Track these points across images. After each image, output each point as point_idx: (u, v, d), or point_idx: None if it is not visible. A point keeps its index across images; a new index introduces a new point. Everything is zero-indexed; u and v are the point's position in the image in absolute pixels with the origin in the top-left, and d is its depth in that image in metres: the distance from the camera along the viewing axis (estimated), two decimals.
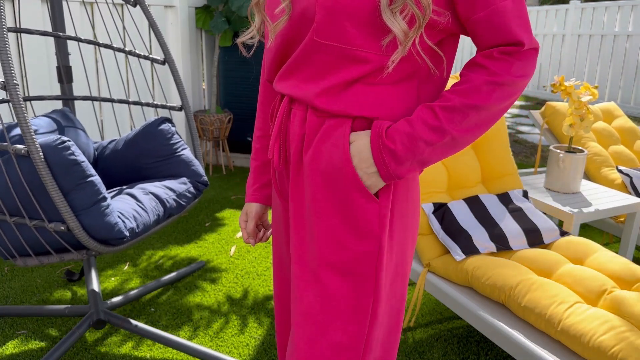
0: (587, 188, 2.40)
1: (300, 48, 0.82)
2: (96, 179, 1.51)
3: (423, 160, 0.79)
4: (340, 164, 0.80)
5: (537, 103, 7.91)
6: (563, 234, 1.92)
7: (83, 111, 3.14)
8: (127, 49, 2.24)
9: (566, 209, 2.11)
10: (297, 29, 0.82)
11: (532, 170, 2.82)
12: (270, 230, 1.12)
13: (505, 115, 6.85)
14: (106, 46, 2.11)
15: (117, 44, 3.27)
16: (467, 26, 0.80)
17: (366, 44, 0.77)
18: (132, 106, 3.48)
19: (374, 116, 0.80)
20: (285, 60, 0.88)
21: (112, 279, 2.31)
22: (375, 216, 0.81)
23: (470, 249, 1.76)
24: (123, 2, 2.02)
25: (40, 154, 1.38)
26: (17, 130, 1.71)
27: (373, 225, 0.81)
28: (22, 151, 1.38)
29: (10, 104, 2.03)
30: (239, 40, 0.95)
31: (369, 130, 0.80)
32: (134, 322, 1.80)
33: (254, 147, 1.08)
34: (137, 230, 1.61)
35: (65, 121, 2.00)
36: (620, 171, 2.63)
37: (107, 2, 2.03)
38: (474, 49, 9.74)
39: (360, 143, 0.79)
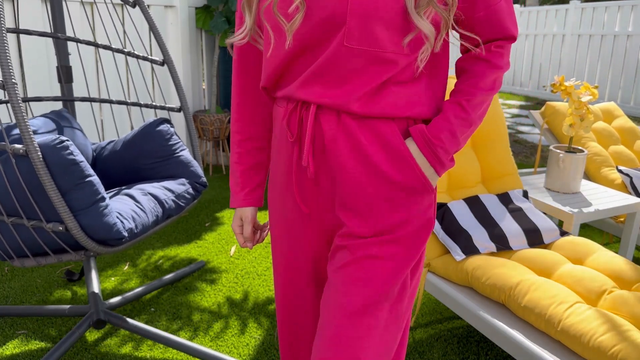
0: (587, 188, 2.40)
1: (327, 54, 0.81)
2: (95, 179, 1.51)
3: (458, 149, 0.89)
4: (411, 175, 0.86)
5: (537, 103, 7.91)
6: (563, 234, 1.92)
7: (83, 112, 3.14)
8: (126, 50, 2.24)
9: (566, 209, 2.10)
10: (320, 34, 0.81)
11: (532, 170, 2.81)
12: (267, 231, 1.11)
13: (505, 115, 6.85)
14: (105, 47, 2.11)
15: (117, 45, 3.27)
16: (465, 23, 0.86)
17: (393, 45, 0.81)
18: (131, 107, 3.48)
19: (409, 115, 0.86)
20: (295, 65, 0.86)
21: (112, 279, 2.31)
22: (432, 203, 0.91)
23: (470, 249, 1.76)
24: (122, 3, 2.02)
25: (39, 153, 1.38)
26: (15, 131, 1.71)
27: (430, 212, 0.91)
28: (21, 151, 1.37)
29: (8, 104, 2.03)
30: (227, 41, 0.92)
31: (410, 139, 0.87)
32: (134, 322, 1.79)
33: (237, 151, 1.06)
34: (135, 231, 1.60)
35: (63, 122, 2.00)
36: (620, 171, 2.62)
37: (105, 3, 2.03)
38: None
39: (412, 152, 0.87)
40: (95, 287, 1.93)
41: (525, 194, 2.05)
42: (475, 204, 1.92)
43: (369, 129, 0.85)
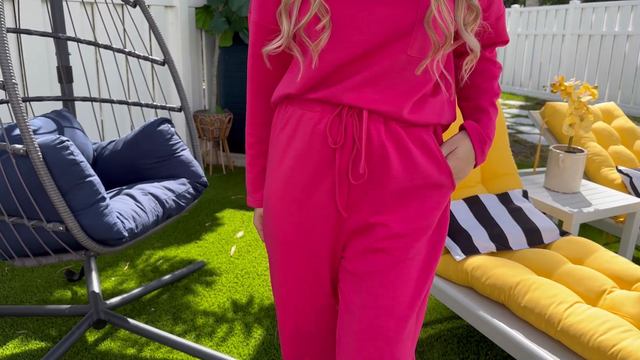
0: (587, 188, 2.40)
1: (386, 61, 0.82)
2: (95, 179, 1.51)
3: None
4: (441, 176, 0.92)
5: (537, 103, 7.91)
6: (563, 234, 1.92)
7: (83, 112, 3.14)
8: (126, 49, 2.24)
9: (566, 209, 2.10)
10: (382, 41, 0.81)
11: (532, 170, 2.82)
12: None
13: (505, 115, 6.85)
14: (106, 47, 2.11)
15: (117, 44, 3.27)
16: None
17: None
18: (132, 107, 3.48)
19: (438, 122, 0.92)
20: (344, 69, 0.84)
21: (112, 278, 2.31)
22: (449, 201, 0.98)
23: (470, 249, 1.76)
24: (123, 3, 2.02)
25: (39, 153, 1.38)
26: (16, 131, 1.71)
27: (448, 208, 0.99)
28: (21, 151, 1.37)
29: (9, 104, 2.02)
30: (264, 51, 0.88)
31: (464, 133, 0.95)
32: (134, 322, 1.80)
33: (252, 153, 1.05)
34: (136, 231, 1.60)
35: (63, 122, 2.00)
36: (620, 171, 2.62)
37: (106, 3, 2.03)
38: None
39: (465, 148, 0.94)
40: (96, 287, 1.93)
41: (525, 194, 2.05)
42: (475, 204, 1.92)
43: (413, 135, 0.89)
